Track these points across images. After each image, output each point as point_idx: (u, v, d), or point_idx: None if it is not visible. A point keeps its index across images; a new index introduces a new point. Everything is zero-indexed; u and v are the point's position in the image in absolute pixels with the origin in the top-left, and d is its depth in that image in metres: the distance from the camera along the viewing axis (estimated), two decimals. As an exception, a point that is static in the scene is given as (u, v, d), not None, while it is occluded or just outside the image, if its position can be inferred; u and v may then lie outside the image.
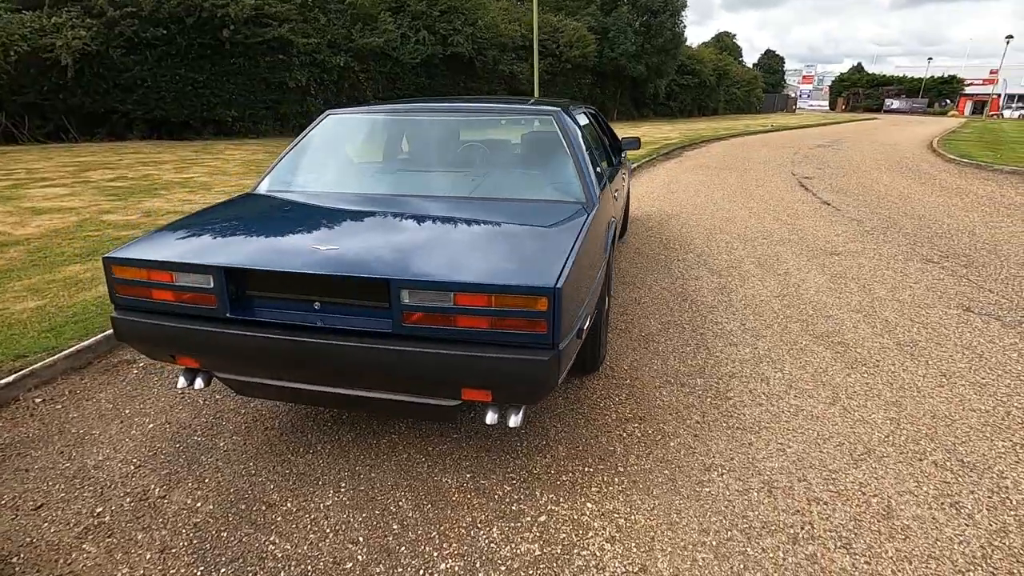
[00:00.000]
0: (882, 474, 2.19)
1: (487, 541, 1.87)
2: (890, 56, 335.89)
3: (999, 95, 53.43)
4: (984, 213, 7.24)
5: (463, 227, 2.20)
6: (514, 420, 1.88)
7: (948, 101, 51.15)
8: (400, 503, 2.04)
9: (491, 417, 1.89)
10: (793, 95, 64.62)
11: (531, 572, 1.74)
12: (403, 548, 1.84)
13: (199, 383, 2.15)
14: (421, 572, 1.75)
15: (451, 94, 25.13)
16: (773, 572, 1.74)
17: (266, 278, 1.91)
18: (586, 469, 2.22)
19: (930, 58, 71.38)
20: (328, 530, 1.92)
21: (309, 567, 1.77)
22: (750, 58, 73.91)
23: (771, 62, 71.68)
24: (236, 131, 18.39)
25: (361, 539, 1.88)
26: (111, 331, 3.04)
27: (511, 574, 1.74)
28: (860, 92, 56.21)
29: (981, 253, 5.32)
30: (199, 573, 1.74)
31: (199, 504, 2.04)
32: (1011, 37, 44.94)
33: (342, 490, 2.10)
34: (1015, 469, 2.22)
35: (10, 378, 2.72)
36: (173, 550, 1.83)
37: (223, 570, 1.76)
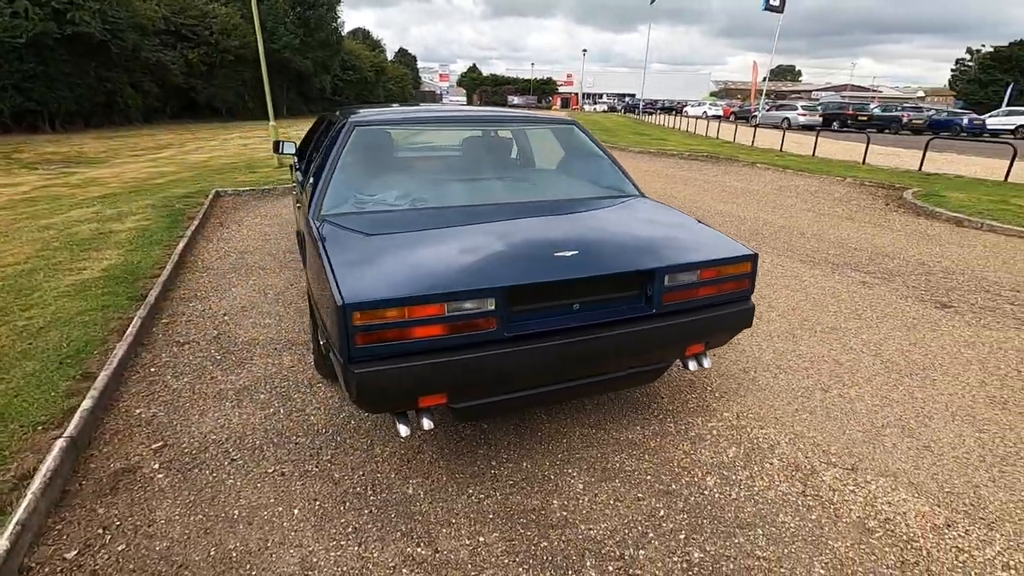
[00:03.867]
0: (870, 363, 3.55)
1: (707, 456, 2.43)
2: (491, 59, 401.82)
3: (577, 94, 70.96)
4: (695, 190, 10.29)
5: (607, 220, 2.57)
6: (707, 362, 2.46)
7: (549, 98, 65.79)
8: (626, 463, 2.38)
9: (693, 365, 2.43)
10: (438, 91, 71.84)
11: (750, 460, 2.40)
12: (673, 485, 2.25)
13: (427, 423, 2.00)
14: (702, 490, 2.21)
15: (78, 83, 19.67)
16: (874, 399, 2.83)
17: (534, 291, 1.96)
18: (696, 395, 2.93)
19: (532, 63, 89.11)
20: (612, 500, 2.16)
21: (635, 528, 2.03)
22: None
23: (405, 60, 77.60)
24: None
25: (640, 495, 2.20)
26: (62, 442, 2.20)
27: (747, 467, 2.36)
28: (488, 89, 66.93)
29: (743, 224, 7.79)
30: (574, 575, 1.82)
31: (481, 538, 1.97)
32: (586, 50, 60.20)
33: (576, 475, 2.30)
34: (889, 337, 3.89)
35: (3, 543, 1.78)
36: (522, 576, 1.82)
37: (587, 562, 1.87)
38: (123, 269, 4.51)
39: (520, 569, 1.85)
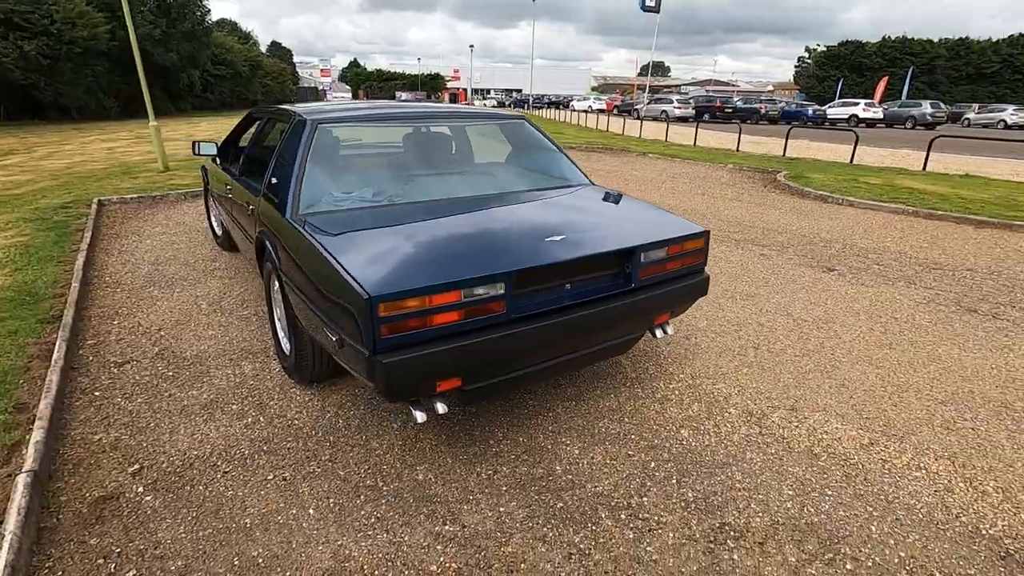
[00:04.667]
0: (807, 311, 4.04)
1: (676, 413, 2.73)
2: (372, 53, 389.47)
3: (466, 89, 71.19)
4: (600, 180, 10.76)
5: (577, 206, 2.78)
6: (670, 330, 2.75)
7: (438, 94, 65.36)
8: (610, 427, 2.62)
9: (660, 333, 2.71)
10: (320, 88, 68.55)
11: (712, 411, 2.74)
12: (655, 440, 2.52)
13: (442, 407, 2.09)
14: (680, 442, 2.50)
15: None
16: (837, 307, 3.27)
17: (537, 273, 2.11)
18: (653, 362, 3.24)
19: (419, 58, 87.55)
20: (607, 460, 2.38)
21: (633, 480, 2.26)
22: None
23: (280, 54, 72.90)
24: None
25: (630, 452, 2.44)
26: (25, 477, 2.04)
27: (710, 418, 2.69)
28: (375, 85, 64.97)
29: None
30: (593, 527, 2.01)
31: (502, 508, 2.10)
32: (473, 46, 60.37)
33: (569, 443, 2.50)
34: (794, 299, 4.44)
35: (-3, 587, 1.63)
36: (548, 537, 1.98)
37: (601, 515, 2.07)
38: (18, 290, 4.01)
39: (545, 529, 2.01)
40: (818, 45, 58.10)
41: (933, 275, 4.92)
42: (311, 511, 2.08)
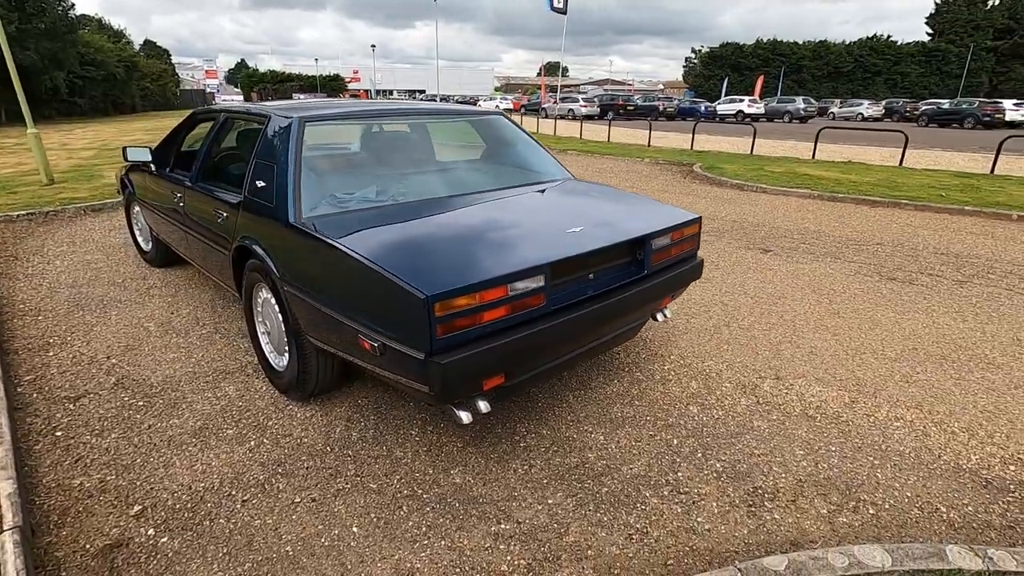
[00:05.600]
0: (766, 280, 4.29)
1: (679, 392, 2.86)
2: (260, 54, 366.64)
3: (368, 90, 69.13)
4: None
5: (579, 199, 2.81)
6: (669, 314, 2.87)
7: (340, 95, 62.83)
8: (625, 411, 2.70)
9: (661, 317, 2.82)
10: (208, 90, 63.67)
11: (710, 388, 2.90)
12: (670, 419, 2.63)
13: (484, 406, 2.05)
14: (692, 418, 2.63)
15: None
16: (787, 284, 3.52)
17: (568, 264, 2.12)
18: (643, 347, 3.36)
19: (316, 59, 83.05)
20: (632, 442, 2.45)
21: (663, 459, 2.35)
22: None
23: (156, 53, 66.85)
24: None
25: (651, 433, 2.53)
26: (13, 535, 1.88)
27: (711, 393, 2.85)
28: (269, 87, 61.33)
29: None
30: (643, 507, 2.07)
31: (550, 500, 2.10)
32: (375, 46, 58.65)
33: (592, 430, 2.54)
34: (745, 279, 4.74)
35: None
36: (604, 522, 2.01)
37: (645, 494, 2.14)
38: (-88, 326, 3.41)
39: (598, 514, 2.04)
40: (702, 46, 62.56)
41: (851, 250, 5.50)
42: (354, 529, 1.97)
